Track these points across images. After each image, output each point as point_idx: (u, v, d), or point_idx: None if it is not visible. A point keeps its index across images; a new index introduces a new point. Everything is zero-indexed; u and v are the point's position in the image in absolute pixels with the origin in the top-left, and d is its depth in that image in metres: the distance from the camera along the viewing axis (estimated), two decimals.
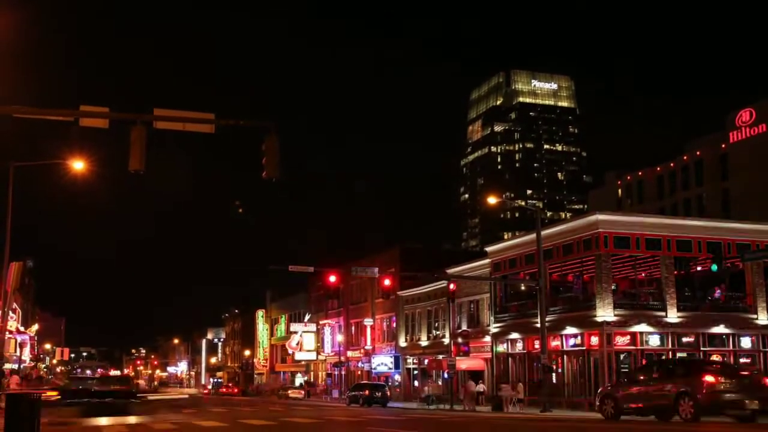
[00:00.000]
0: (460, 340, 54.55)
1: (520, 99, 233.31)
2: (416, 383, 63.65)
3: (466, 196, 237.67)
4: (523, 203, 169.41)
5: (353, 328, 76.98)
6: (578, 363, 43.36)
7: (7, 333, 42.79)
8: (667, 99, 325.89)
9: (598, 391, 30.72)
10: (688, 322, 41.98)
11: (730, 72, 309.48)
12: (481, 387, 48.19)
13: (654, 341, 41.56)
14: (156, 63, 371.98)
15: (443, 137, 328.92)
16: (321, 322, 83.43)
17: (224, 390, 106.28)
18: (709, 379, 23.74)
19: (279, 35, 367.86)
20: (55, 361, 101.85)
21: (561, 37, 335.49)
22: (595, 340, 41.18)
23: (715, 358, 42.43)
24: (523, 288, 50.40)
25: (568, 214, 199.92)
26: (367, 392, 55.34)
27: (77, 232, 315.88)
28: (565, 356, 44.30)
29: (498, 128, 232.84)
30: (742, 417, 23.78)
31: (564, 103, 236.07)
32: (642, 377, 27.36)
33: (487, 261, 53.36)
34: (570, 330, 43.37)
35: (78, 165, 29.44)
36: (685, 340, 42.13)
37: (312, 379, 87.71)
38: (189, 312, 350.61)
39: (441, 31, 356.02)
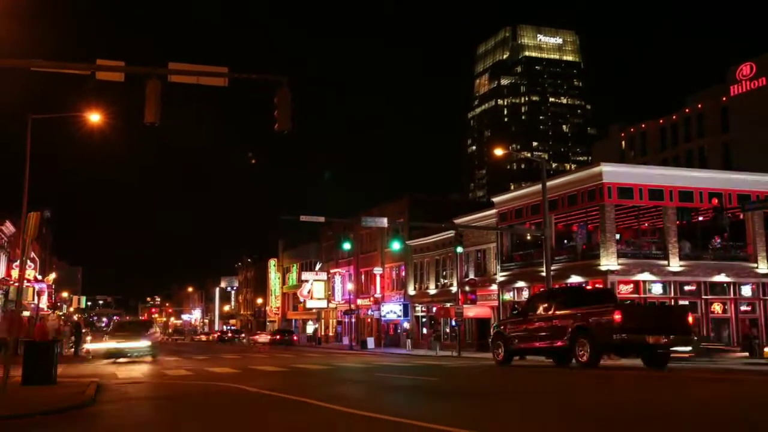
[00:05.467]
0: (467, 288, 55.82)
1: (526, 53, 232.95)
2: (424, 330, 65.19)
3: (474, 147, 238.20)
4: (528, 155, 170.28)
5: (363, 276, 77.96)
6: None
7: (25, 282, 44.10)
8: (669, 53, 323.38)
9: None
10: (689, 270, 42.91)
11: (732, 25, 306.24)
12: None
13: (657, 289, 42.55)
14: (170, 21, 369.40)
15: (451, 91, 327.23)
16: (332, 271, 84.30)
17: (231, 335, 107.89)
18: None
19: None
20: (72, 309, 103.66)
21: None
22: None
23: (716, 306, 43.88)
24: (528, 238, 51.25)
25: (573, 166, 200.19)
26: (278, 337, 59.95)
27: (92, 182, 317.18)
28: None
29: (504, 82, 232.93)
30: (650, 359, 21.63)
31: (569, 57, 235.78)
32: (537, 310, 24.39)
33: (493, 211, 54.11)
34: (574, 278, 44.21)
35: (94, 117, 30.40)
36: (687, 288, 43.06)
37: (321, 328, 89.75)
38: (203, 260, 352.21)
39: None
